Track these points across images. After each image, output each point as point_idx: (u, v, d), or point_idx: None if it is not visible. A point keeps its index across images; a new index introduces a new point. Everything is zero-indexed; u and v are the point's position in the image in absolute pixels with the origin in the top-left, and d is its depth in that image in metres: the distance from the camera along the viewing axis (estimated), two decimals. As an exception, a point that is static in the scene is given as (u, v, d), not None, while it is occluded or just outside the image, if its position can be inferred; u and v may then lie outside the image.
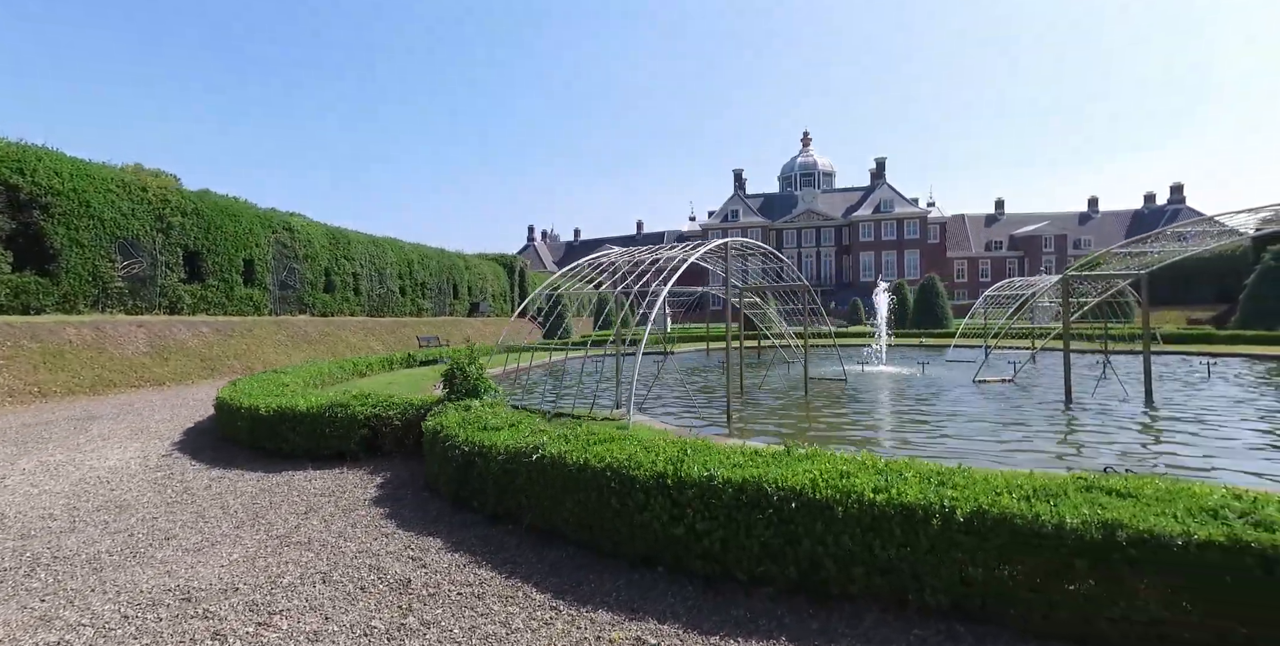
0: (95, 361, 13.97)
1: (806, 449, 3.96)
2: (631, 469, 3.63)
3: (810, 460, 3.71)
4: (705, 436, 6.87)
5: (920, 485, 3.16)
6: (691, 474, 3.47)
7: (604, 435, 4.41)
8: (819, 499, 3.14)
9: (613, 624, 2.98)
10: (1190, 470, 6.01)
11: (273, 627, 2.82)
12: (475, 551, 3.88)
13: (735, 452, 3.88)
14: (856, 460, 3.66)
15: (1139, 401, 10.08)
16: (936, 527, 2.89)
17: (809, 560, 3.12)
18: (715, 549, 3.34)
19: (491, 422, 5.05)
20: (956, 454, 6.77)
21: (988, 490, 3.05)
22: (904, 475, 3.37)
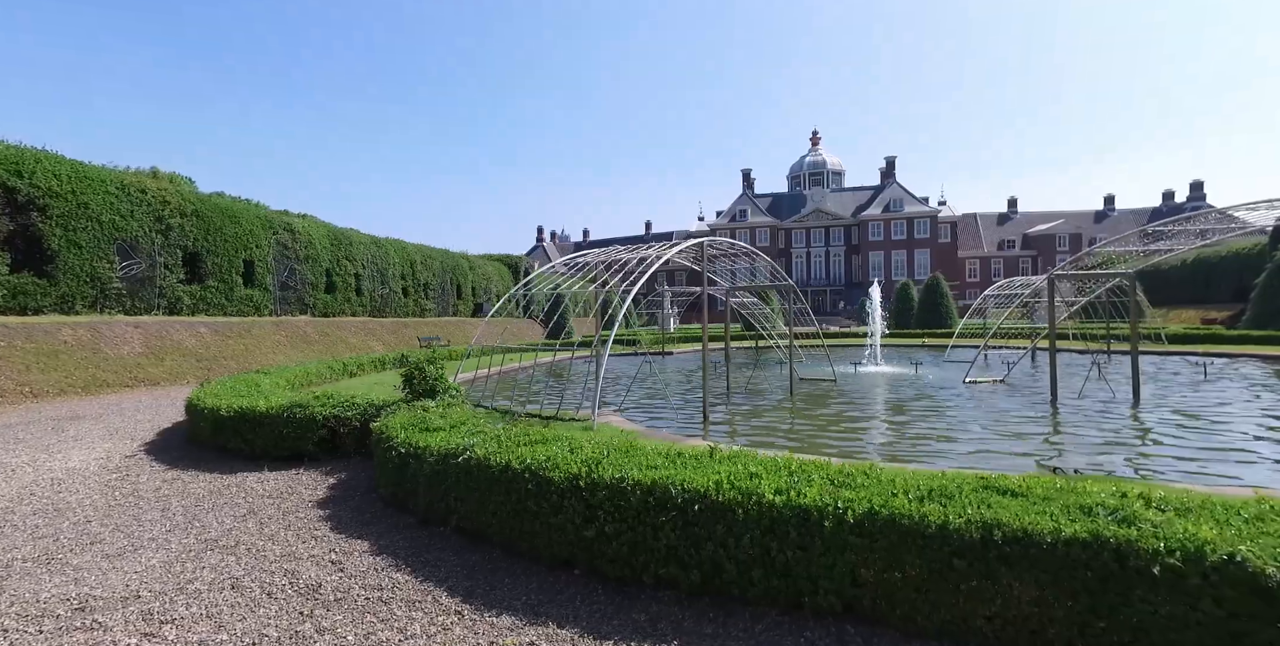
0: (90, 362, 14.13)
1: (730, 450, 3.88)
2: (549, 470, 3.57)
3: (730, 461, 3.62)
4: (667, 438, 6.81)
5: (820, 487, 3.11)
6: (604, 476, 3.40)
7: (536, 436, 4.33)
8: (721, 501, 3.09)
9: (511, 629, 2.92)
10: (1153, 471, 5.87)
11: (158, 638, 2.77)
12: (398, 554, 3.82)
13: (657, 454, 3.80)
14: (772, 461, 3.59)
15: (1127, 401, 9.89)
16: (829, 529, 2.86)
17: (711, 563, 3.08)
18: (624, 551, 3.29)
19: (434, 424, 4.99)
20: (918, 455, 6.68)
21: (885, 492, 3.01)
22: (811, 477, 3.30)
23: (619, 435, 6.55)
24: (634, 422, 8.09)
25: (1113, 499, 2.81)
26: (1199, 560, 2.32)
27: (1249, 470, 5.85)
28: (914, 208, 71.91)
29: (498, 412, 8.33)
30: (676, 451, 3.90)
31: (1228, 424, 8.10)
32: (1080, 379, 12.88)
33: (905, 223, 71.93)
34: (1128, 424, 8.26)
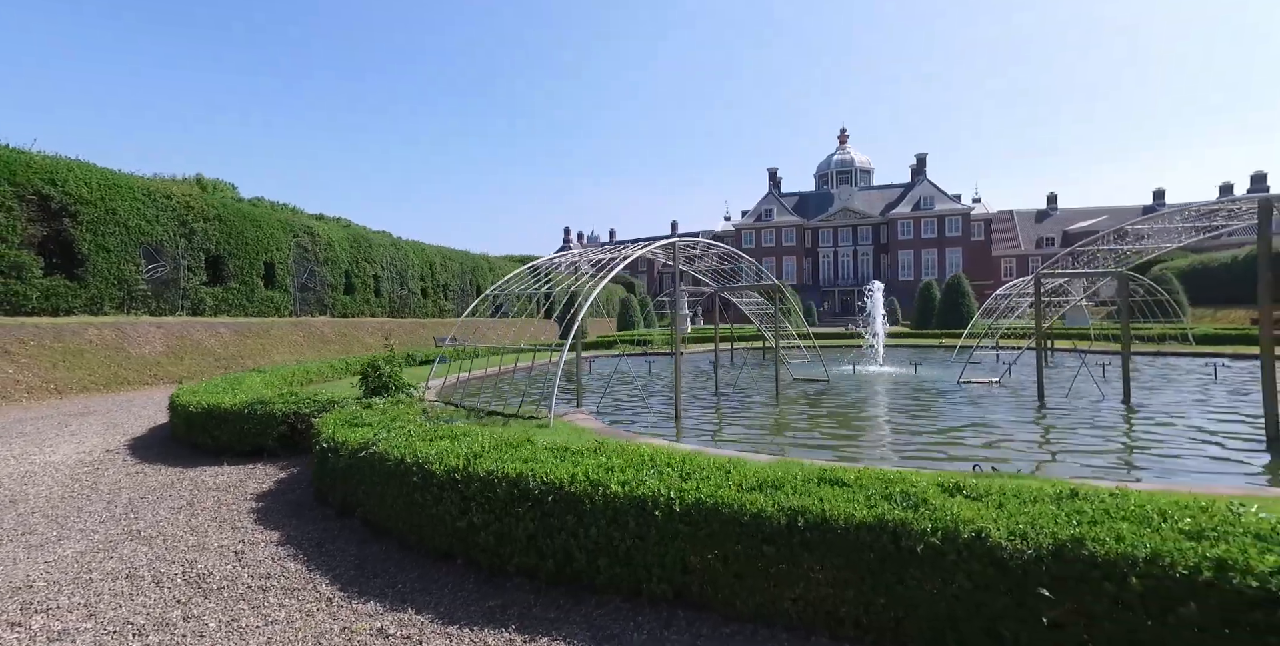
0: (113, 360, 14.91)
1: (619, 442, 4.00)
2: (432, 463, 3.72)
3: (614, 454, 3.76)
4: (619, 435, 6.90)
5: (663, 479, 3.24)
6: (477, 469, 3.55)
7: (443, 432, 4.49)
8: (573, 492, 3.25)
9: (371, 614, 3.09)
10: (1094, 467, 5.88)
11: (22, 628, 2.97)
12: (303, 545, 4.02)
13: (546, 449, 3.93)
14: (643, 455, 3.74)
15: (1117, 402, 9.69)
16: (661, 519, 3.01)
17: (563, 552, 3.24)
18: (492, 542, 3.46)
19: (366, 419, 5.20)
20: (862, 453, 6.69)
21: (720, 483, 3.15)
22: (665, 470, 3.44)
23: (569, 433, 6.69)
24: (599, 421, 8.19)
25: (917, 487, 2.97)
26: (954, 538, 2.49)
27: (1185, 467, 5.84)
28: (945, 205, 70.22)
29: (464, 410, 8.56)
30: (564, 446, 4.02)
31: (1191, 423, 8.06)
32: (1087, 380, 12.52)
33: (936, 221, 70.30)
34: (1104, 423, 8.14)
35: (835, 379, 14.41)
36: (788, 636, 2.76)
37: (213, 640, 2.82)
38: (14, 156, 15.03)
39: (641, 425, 8.95)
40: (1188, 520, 2.46)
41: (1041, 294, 18.14)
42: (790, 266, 77.09)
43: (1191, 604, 2.13)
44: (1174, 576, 2.16)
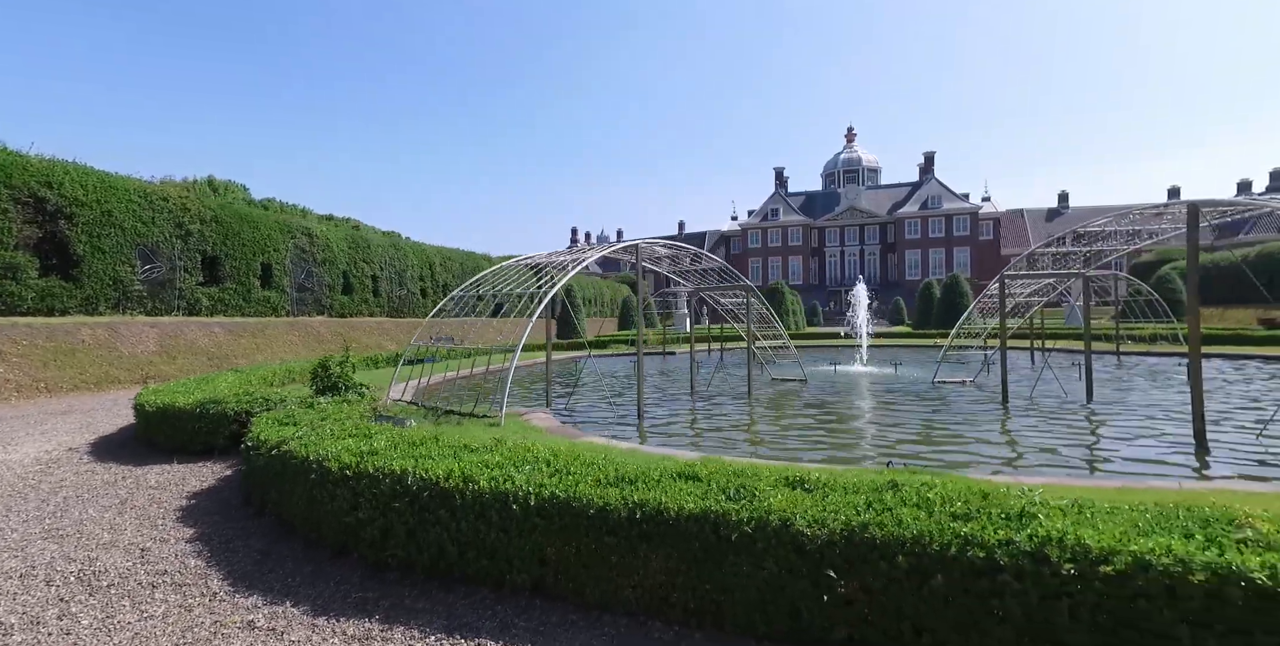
0: (105, 359, 15.21)
1: (513, 444, 4.09)
2: (328, 461, 3.81)
3: (503, 451, 3.90)
4: (567, 433, 6.96)
5: (530, 474, 3.39)
6: (367, 466, 3.63)
7: (352, 431, 4.58)
8: (446, 488, 3.39)
9: (249, 608, 3.19)
10: (1014, 463, 6.01)
11: None
12: (213, 542, 4.13)
13: (447, 447, 4.02)
14: (533, 451, 3.90)
15: (1079, 401, 9.72)
16: (520, 512, 3.15)
17: (437, 545, 3.37)
18: (377, 536, 3.58)
19: (298, 418, 5.30)
20: (801, 451, 6.74)
21: (587, 477, 3.30)
22: (541, 466, 3.57)
23: (515, 432, 6.77)
24: (555, 421, 8.25)
25: (759, 480, 3.15)
26: (764, 526, 2.71)
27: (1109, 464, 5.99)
28: (953, 204, 69.59)
29: (424, 410, 8.66)
30: (464, 444, 4.10)
31: (1139, 421, 8.18)
32: (1066, 380, 12.46)
33: (943, 220, 69.69)
34: (1056, 422, 8.22)
35: (814, 379, 14.41)
36: (626, 622, 2.91)
37: (77, 638, 2.91)
38: (11, 159, 15.37)
39: (608, 424, 9.01)
40: (959, 504, 2.72)
41: (1028, 295, 18.11)
42: (797, 266, 76.76)
43: (939, 575, 2.41)
44: (930, 553, 2.43)
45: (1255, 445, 6.48)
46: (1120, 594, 2.18)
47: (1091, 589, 2.21)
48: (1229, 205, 6.58)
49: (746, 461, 4.57)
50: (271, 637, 2.86)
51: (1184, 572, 2.13)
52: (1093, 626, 2.22)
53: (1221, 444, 6.64)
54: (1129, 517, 2.54)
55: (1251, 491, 4.06)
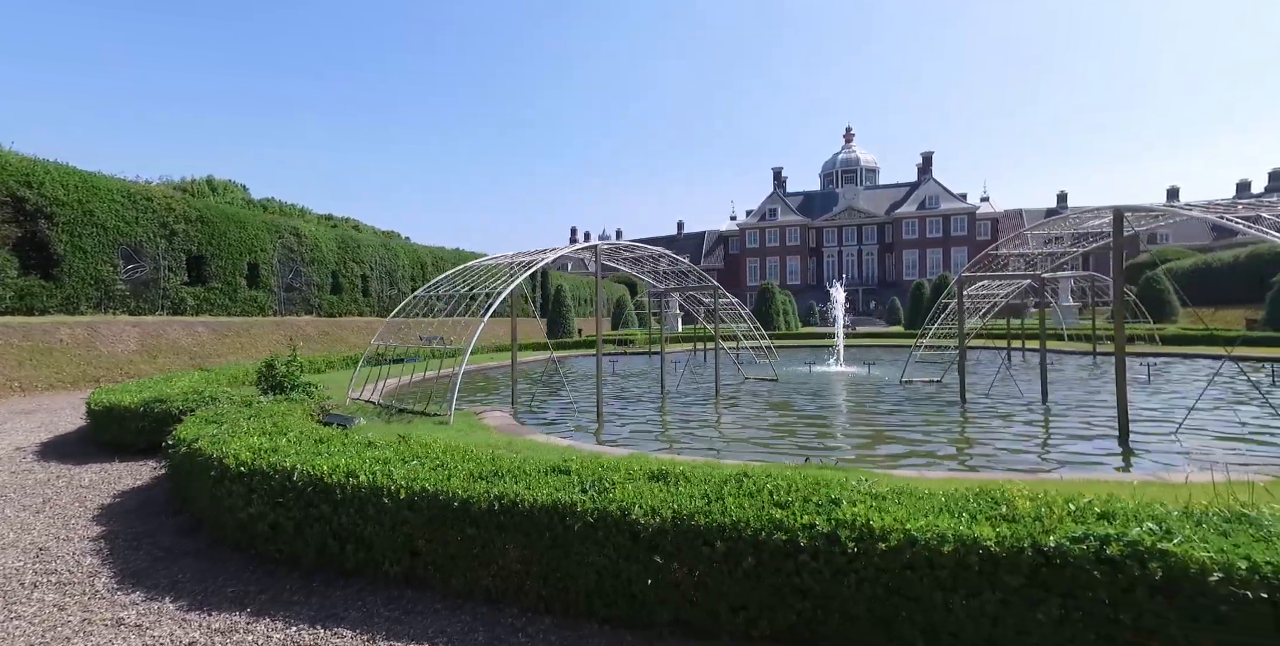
0: (83, 359, 15.23)
1: (420, 441, 4.15)
2: (227, 458, 3.82)
3: (395, 447, 3.92)
4: (513, 432, 6.94)
5: (414, 468, 3.46)
6: (260, 463, 3.64)
7: (271, 428, 4.58)
8: (328, 483, 3.44)
9: (126, 605, 3.21)
10: (933, 458, 6.20)
11: None
12: (119, 540, 4.13)
13: (351, 444, 4.04)
14: (429, 448, 3.94)
15: (1035, 400, 9.83)
16: (390, 505, 3.23)
17: (320, 539, 3.42)
18: (268, 531, 3.62)
19: (226, 417, 5.29)
20: (735, 450, 6.84)
21: (462, 472, 3.40)
22: (426, 461, 3.65)
23: (460, 430, 6.76)
24: (508, 419, 8.24)
25: (618, 473, 3.32)
26: (605, 516, 2.85)
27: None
28: (950, 204, 69.44)
29: (379, 408, 8.66)
30: (368, 441, 4.11)
31: (1083, 420, 8.34)
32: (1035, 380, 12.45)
33: (941, 220, 69.54)
34: (994, 420, 8.40)
35: (788, 379, 14.38)
36: (486, 609, 3.02)
37: (-67, 639, 2.90)
38: (-10, 159, 15.41)
39: (568, 423, 8.99)
40: (783, 494, 2.93)
41: (1006, 296, 18.08)
42: (795, 266, 76.65)
43: (750, 557, 2.61)
44: (745, 537, 2.64)
45: (1174, 442, 6.72)
46: (893, 567, 2.45)
47: (871, 564, 2.48)
48: (1148, 210, 6.57)
49: (667, 457, 4.63)
50: (134, 634, 2.87)
51: (939, 545, 2.40)
52: (872, 597, 2.48)
53: (1150, 441, 6.82)
54: (927, 503, 2.77)
55: (1089, 479, 4.41)
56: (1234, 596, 2.07)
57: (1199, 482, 3.82)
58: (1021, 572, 2.29)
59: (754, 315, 34.10)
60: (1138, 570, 2.17)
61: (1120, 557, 2.20)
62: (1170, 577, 2.14)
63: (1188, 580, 2.12)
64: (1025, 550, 2.31)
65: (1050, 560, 2.28)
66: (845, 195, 76.80)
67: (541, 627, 2.85)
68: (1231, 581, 2.08)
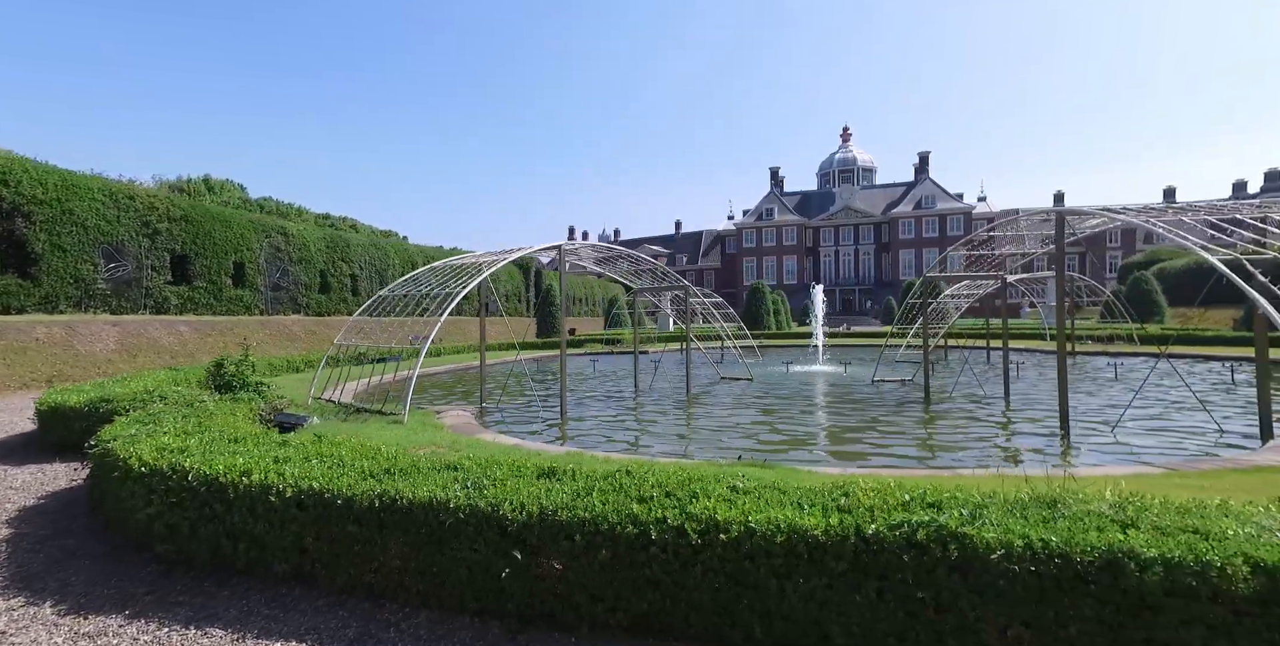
0: (59, 358, 15.16)
1: (333, 440, 4.11)
2: (133, 459, 3.74)
3: (319, 447, 3.87)
4: (467, 432, 6.86)
5: (303, 467, 3.45)
6: (160, 463, 3.60)
7: (190, 429, 4.51)
8: (223, 483, 3.41)
9: (4, 609, 3.08)
10: (868, 456, 6.33)
11: None
12: (23, 542, 4.11)
13: (266, 444, 4.01)
14: (337, 448, 3.88)
15: (997, 400, 9.91)
16: (278, 503, 3.22)
17: (214, 538, 3.41)
18: (165, 531, 3.61)
19: (154, 417, 5.22)
20: (675, 448, 6.87)
21: (351, 472, 3.39)
22: (328, 459, 3.66)
23: (412, 429, 6.69)
24: (467, 419, 8.16)
25: (503, 471, 3.39)
26: (477, 513, 2.91)
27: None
28: (947, 204, 69.36)
29: (338, 407, 8.59)
30: (283, 440, 4.07)
31: (1033, 418, 8.51)
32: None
33: (937, 220, 69.44)
34: (946, 419, 8.47)
35: (765, 378, 14.31)
36: (368, 605, 3.03)
37: None
38: (-35, 158, 15.34)
39: (532, 422, 8.93)
40: (648, 488, 3.00)
41: (972, 296, 18.04)
42: (792, 265, 76.57)
43: (604, 550, 2.72)
44: (602, 531, 2.72)
45: (1111, 438, 6.90)
46: (734, 557, 2.57)
47: (715, 555, 2.59)
48: (1087, 214, 6.57)
49: (566, 453, 4.68)
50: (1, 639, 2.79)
51: (773, 535, 2.52)
52: (716, 586, 2.59)
53: (1090, 436, 6.99)
54: (786, 497, 2.86)
55: (937, 475, 4.69)
56: (1009, 571, 2.26)
57: (1038, 475, 3.86)
58: (845, 558, 2.45)
59: (746, 315, 34.06)
60: (940, 552, 2.35)
61: (926, 541, 2.38)
62: (964, 557, 2.32)
63: (977, 559, 2.31)
64: (850, 537, 2.46)
65: (870, 546, 2.44)
66: (842, 195, 76.74)
67: (416, 622, 2.87)
68: (1009, 557, 2.27)
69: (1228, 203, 6.80)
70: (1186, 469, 4.71)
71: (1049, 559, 2.23)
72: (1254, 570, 2.08)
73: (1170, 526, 2.35)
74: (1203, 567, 2.09)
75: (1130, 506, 2.57)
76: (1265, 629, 2.06)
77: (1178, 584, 2.10)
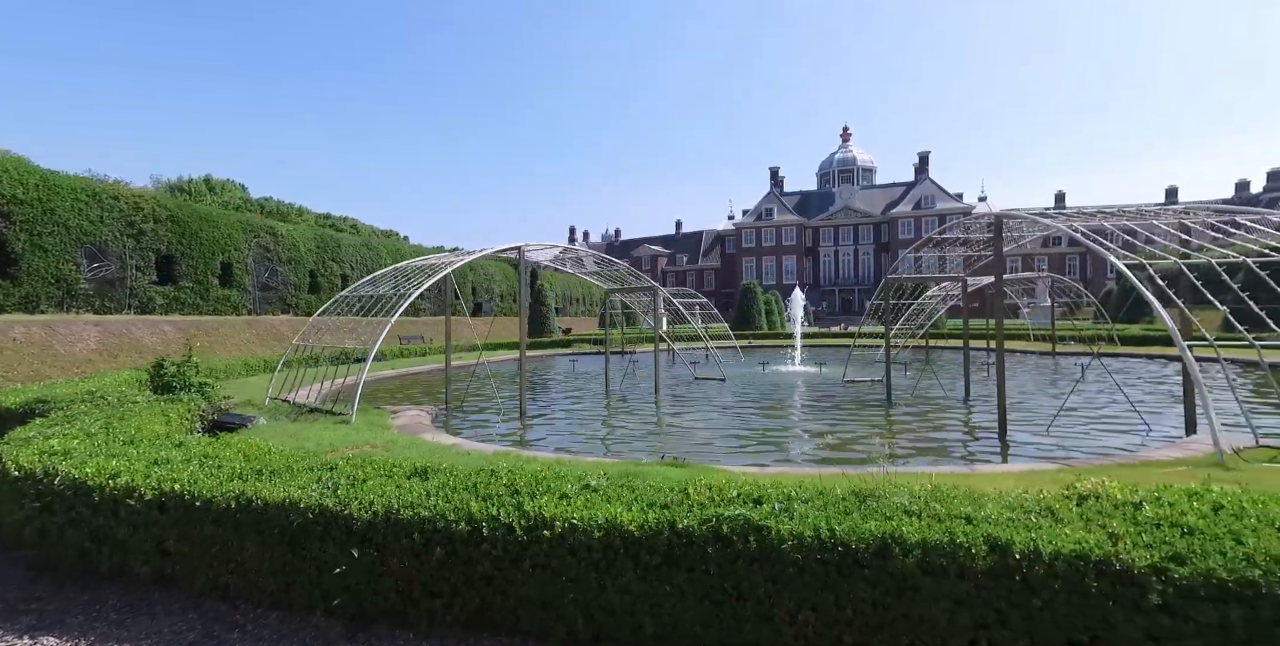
0: (37, 358, 15.21)
1: (228, 441, 4.14)
2: (9, 462, 3.75)
3: (198, 449, 3.87)
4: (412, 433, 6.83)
5: (180, 468, 3.45)
6: (35, 467, 3.57)
7: (98, 430, 4.51)
8: (90, 486, 3.42)
9: None
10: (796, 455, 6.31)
11: None
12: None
13: (160, 447, 4.00)
14: (223, 449, 3.87)
15: (958, 399, 10.04)
16: (138, 506, 3.23)
17: (78, 542, 3.43)
18: (35, 536, 3.63)
19: (74, 415, 5.21)
20: (608, 447, 7.06)
21: (221, 473, 3.39)
22: (200, 461, 3.68)
23: (355, 428, 6.67)
24: (423, 420, 8.13)
25: (371, 469, 3.43)
26: (326, 512, 2.95)
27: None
28: (946, 204, 69.03)
29: (292, 407, 8.58)
30: (180, 441, 4.06)
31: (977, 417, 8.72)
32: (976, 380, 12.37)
33: (936, 219, 69.11)
34: (894, 419, 8.56)
35: (740, 379, 14.26)
36: (224, 607, 3.02)
37: None
38: (-55, 158, 15.42)
39: (493, 424, 8.91)
40: (492, 487, 3.06)
41: (958, 298, 17.95)
42: (791, 265, 76.34)
43: (439, 547, 2.77)
44: (439, 529, 2.75)
45: (1047, 437, 7.09)
46: (558, 552, 2.63)
47: (541, 550, 2.66)
48: (1021, 217, 6.58)
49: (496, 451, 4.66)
50: None
51: (592, 530, 2.58)
52: (542, 580, 2.65)
53: (1026, 436, 7.16)
54: (634, 493, 2.90)
55: (803, 472, 4.75)
56: (798, 560, 2.38)
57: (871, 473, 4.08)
58: (659, 552, 2.54)
59: (738, 314, 33.97)
60: (741, 544, 2.46)
61: (730, 534, 2.49)
62: (762, 548, 2.44)
63: (773, 550, 2.43)
64: (664, 532, 2.54)
65: (681, 539, 2.53)
66: (842, 195, 76.49)
67: (265, 623, 2.89)
68: (800, 547, 2.39)
69: (1153, 209, 6.93)
70: (1077, 465, 4.87)
71: (833, 547, 2.36)
72: (991, 548, 2.26)
73: (945, 514, 2.49)
74: (953, 548, 2.27)
75: (923, 498, 2.67)
76: (995, 600, 2.24)
77: (933, 564, 2.26)
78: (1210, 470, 4.44)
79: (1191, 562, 2.08)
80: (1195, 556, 2.10)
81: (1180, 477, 3.60)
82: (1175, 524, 2.32)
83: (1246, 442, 5.27)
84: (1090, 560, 2.13)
